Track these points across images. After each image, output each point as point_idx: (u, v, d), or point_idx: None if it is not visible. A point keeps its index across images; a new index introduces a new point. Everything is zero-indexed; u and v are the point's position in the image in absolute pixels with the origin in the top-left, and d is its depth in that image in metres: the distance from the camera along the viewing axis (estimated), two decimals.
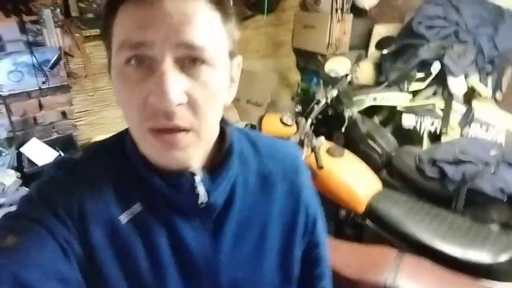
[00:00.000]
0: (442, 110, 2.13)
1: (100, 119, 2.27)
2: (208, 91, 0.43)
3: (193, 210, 0.50)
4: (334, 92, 1.98)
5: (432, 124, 2.16)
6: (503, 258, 1.31)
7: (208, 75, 0.42)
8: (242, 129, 0.62)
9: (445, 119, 2.11)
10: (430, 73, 2.15)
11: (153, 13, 0.39)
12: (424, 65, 2.17)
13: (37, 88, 2.01)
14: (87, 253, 0.45)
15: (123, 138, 0.52)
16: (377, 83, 2.45)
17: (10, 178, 1.58)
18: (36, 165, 1.91)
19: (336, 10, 2.60)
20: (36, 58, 1.93)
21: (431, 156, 1.81)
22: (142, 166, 0.48)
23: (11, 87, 1.96)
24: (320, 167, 1.61)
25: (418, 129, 2.21)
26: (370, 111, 2.44)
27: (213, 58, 0.42)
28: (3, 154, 1.84)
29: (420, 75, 2.21)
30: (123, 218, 0.47)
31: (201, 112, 0.42)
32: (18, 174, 1.75)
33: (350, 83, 2.58)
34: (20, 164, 1.89)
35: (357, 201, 1.69)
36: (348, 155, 1.87)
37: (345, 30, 2.66)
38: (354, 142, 2.15)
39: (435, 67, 2.10)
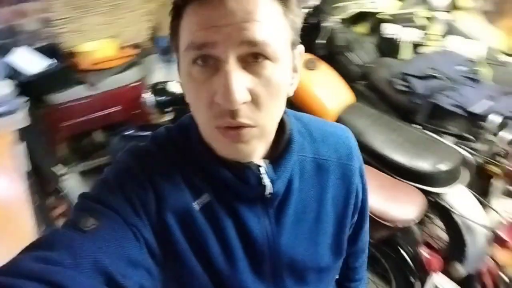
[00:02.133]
0: (424, 19, 2.08)
1: (82, 26, 2.26)
2: (271, 86, 0.43)
3: (257, 199, 0.53)
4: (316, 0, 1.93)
5: (412, 34, 2.13)
6: (442, 167, 1.49)
7: (271, 70, 0.43)
8: (295, 113, 0.63)
9: (426, 30, 2.08)
10: None
11: (216, 13, 0.40)
12: None
13: None
14: (162, 241, 0.49)
15: (187, 130, 0.54)
16: None
17: (5, 88, 1.65)
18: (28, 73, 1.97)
19: None
20: None
21: (402, 69, 1.86)
22: (209, 159, 0.51)
23: None
24: None
25: (397, 39, 2.18)
26: (359, 20, 2.38)
27: (276, 53, 0.43)
28: None
29: None
30: (196, 206, 0.51)
31: (265, 108, 0.44)
32: (14, 82, 1.82)
33: None
34: (15, 73, 1.94)
35: (326, 113, 1.81)
36: (323, 68, 1.92)
37: None
38: (333, 53, 2.17)
39: None
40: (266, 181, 0.51)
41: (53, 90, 2.01)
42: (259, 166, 0.51)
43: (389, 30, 2.20)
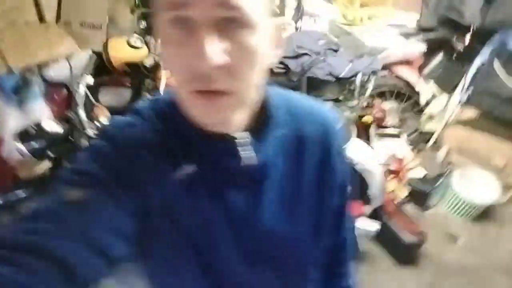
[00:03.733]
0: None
1: None
2: (247, 54, 0.43)
3: (237, 171, 0.52)
4: None
5: None
6: None
7: (247, 37, 0.42)
8: (281, 91, 0.61)
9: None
10: None
11: None
12: None
13: None
14: (145, 213, 0.48)
15: (172, 102, 0.53)
16: None
17: None
18: None
19: None
20: None
21: None
22: (191, 130, 0.50)
23: None
24: None
25: None
26: None
27: (252, 20, 0.42)
28: None
29: None
30: (178, 178, 0.50)
31: (240, 75, 0.43)
32: None
33: None
34: None
35: None
36: None
37: None
38: None
39: None
40: (243, 153, 0.52)
41: None
42: (237, 138, 0.51)
43: None
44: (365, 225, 1.76)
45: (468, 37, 2.23)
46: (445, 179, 2.14)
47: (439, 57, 2.38)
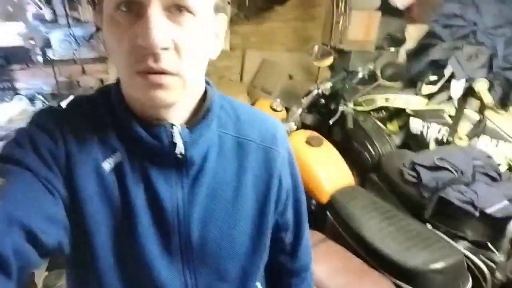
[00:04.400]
0: (451, 117, 1.98)
1: None
2: (192, 40, 0.45)
3: (170, 161, 0.51)
4: (327, 85, 1.98)
5: (439, 131, 2.01)
6: (435, 266, 1.24)
7: (193, 24, 0.45)
8: (225, 96, 0.63)
9: (453, 127, 1.95)
10: (443, 75, 2.00)
11: None
12: (439, 67, 2.03)
13: (79, 57, 2.42)
14: (72, 197, 0.48)
15: (107, 91, 0.54)
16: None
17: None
18: None
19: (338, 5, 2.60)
20: (75, 32, 2.34)
21: (413, 159, 1.72)
22: (126, 115, 0.51)
23: (60, 53, 2.38)
24: None
25: (424, 135, 2.08)
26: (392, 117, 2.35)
27: (198, 9, 0.45)
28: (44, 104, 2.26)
29: (434, 77, 2.07)
30: (106, 165, 0.50)
31: (186, 58, 0.45)
32: None
33: (375, 79, 2.44)
34: None
35: (321, 191, 1.69)
36: (326, 146, 1.86)
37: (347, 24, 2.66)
38: (349, 138, 2.12)
39: (448, 69, 1.95)
40: (178, 140, 0.50)
41: None
42: (174, 125, 0.51)
43: (416, 125, 2.12)
44: None
45: None
46: None
47: None
